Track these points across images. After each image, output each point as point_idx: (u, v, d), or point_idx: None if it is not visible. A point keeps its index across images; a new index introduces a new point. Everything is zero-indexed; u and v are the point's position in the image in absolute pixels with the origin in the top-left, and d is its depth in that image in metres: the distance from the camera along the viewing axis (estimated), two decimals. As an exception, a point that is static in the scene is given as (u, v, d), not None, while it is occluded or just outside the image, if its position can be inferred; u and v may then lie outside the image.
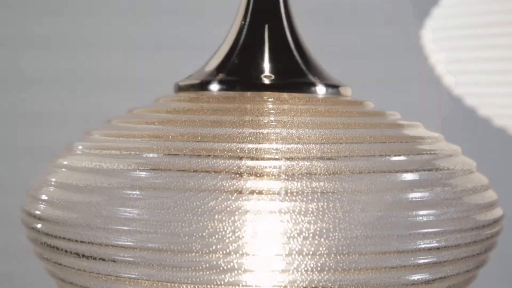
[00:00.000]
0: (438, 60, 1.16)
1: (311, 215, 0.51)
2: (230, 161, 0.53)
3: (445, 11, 1.12)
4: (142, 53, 1.67)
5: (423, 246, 0.53)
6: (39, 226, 0.58)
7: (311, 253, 0.51)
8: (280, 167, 0.53)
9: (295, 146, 0.54)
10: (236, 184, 0.52)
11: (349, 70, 1.35)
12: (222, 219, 0.51)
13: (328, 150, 0.54)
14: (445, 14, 1.12)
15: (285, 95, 0.61)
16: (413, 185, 0.55)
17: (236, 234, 0.51)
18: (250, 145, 0.54)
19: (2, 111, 1.68)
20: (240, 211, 0.51)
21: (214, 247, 0.51)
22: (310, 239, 0.51)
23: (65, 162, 0.59)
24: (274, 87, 0.61)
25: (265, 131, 0.55)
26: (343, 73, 0.72)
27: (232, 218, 0.51)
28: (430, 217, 0.54)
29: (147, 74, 1.66)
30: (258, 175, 0.52)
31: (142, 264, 0.52)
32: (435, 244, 0.54)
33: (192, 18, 1.67)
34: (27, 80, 1.68)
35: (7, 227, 1.62)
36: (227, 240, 0.51)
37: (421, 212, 0.54)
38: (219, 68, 0.63)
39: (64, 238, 0.55)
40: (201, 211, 0.51)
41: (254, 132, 0.55)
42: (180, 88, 0.64)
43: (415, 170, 0.56)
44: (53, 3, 1.67)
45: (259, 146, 0.54)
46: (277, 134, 0.55)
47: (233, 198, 0.52)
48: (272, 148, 0.54)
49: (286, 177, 0.52)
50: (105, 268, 0.53)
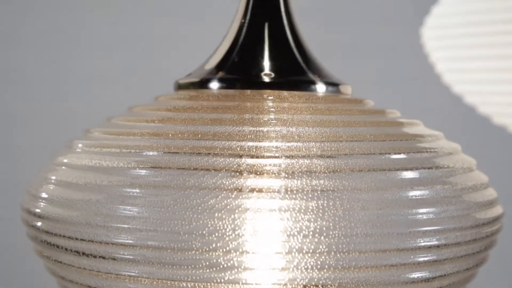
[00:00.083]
0: (438, 58, 1.16)
1: (311, 213, 0.51)
2: (230, 159, 0.53)
3: (445, 9, 1.12)
4: (142, 51, 1.67)
5: (423, 244, 0.53)
6: (39, 224, 0.57)
7: (311, 251, 0.51)
8: (280, 165, 0.53)
9: (295, 144, 0.54)
10: (236, 182, 0.52)
11: (349, 68, 1.35)
12: (222, 217, 0.51)
13: (328, 148, 0.54)
14: (445, 12, 1.12)
15: (285, 93, 0.61)
16: (413, 183, 0.55)
17: (236, 232, 0.51)
18: (250, 143, 0.54)
19: (2, 109, 1.68)
20: (240, 209, 0.51)
21: (214, 245, 0.51)
22: (310, 237, 0.51)
23: (65, 160, 0.59)
24: (274, 85, 0.61)
25: (265, 129, 0.55)
26: (343, 71, 0.72)
27: (232, 216, 0.51)
28: (430, 215, 0.54)
29: (146, 72, 1.66)
30: (258, 173, 0.52)
31: (142, 262, 0.52)
32: (435, 242, 0.54)
33: (192, 16, 1.67)
34: (26, 78, 1.68)
35: (7, 225, 1.62)
36: (227, 238, 0.51)
37: (421, 210, 0.54)
38: (219, 66, 0.63)
39: (64, 236, 0.55)
40: (201, 209, 0.51)
41: (254, 130, 0.55)
42: (180, 86, 0.64)
43: (415, 168, 0.56)
44: (52, 0, 1.67)
45: (259, 144, 0.54)
46: (277, 132, 0.55)
47: (233, 196, 0.52)
48: (272, 146, 0.54)
49: (286, 175, 0.52)
50: (105, 266, 0.53)
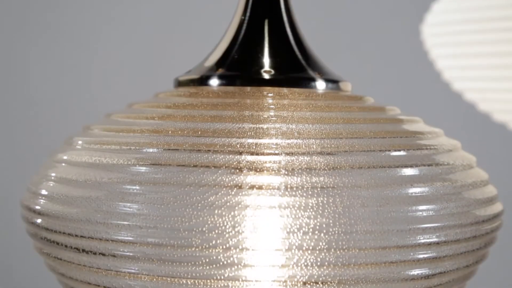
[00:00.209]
0: (437, 55, 1.16)
1: (311, 210, 0.51)
2: (230, 156, 0.53)
3: (445, 6, 1.12)
4: (142, 48, 1.67)
5: (422, 241, 0.53)
6: (39, 221, 0.57)
7: (311, 248, 0.51)
8: (280, 162, 0.53)
9: (295, 141, 0.54)
10: (236, 179, 0.52)
11: (349, 65, 1.35)
12: (222, 214, 0.51)
13: (328, 145, 0.54)
14: (445, 9, 1.12)
15: (285, 90, 0.61)
16: (413, 180, 0.55)
17: (236, 229, 0.51)
18: (250, 140, 0.54)
19: (1, 106, 1.68)
20: (240, 206, 0.51)
21: (214, 242, 0.51)
22: (310, 234, 0.51)
23: (65, 157, 0.59)
24: (274, 82, 0.61)
25: (265, 126, 0.55)
26: (342, 68, 0.72)
27: (232, 213, 0.51)
28: (430, 212, 0.54)
29: (146, 68, 1.66)
30: (258, 170, 0.52)
31: (142, 259, 0.52)
32: (434, 239, 0.54)
33: (192, 13, 1.67)
34: (27, 75, 1.67)
35: (6, 223, 1.62)
36: (227, 235, 0.51)
37: (421, 207, 0.54)
38: (219, 63, 0.63)
39: (64, 233, 0.55)
40: (201, 206, 0.51)
41: (254, 127, 0.55)
42: (180, 83, 0.64)
43: (415, 165, 0.56)
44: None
45: (259, 141, 0.54)
46: (277, 129, 0.55)
47: (233, 193, 0.52)
48: (272, 143, 0.54)
49: (286, 172, 0.52)
50: (105, 263, 0.54)
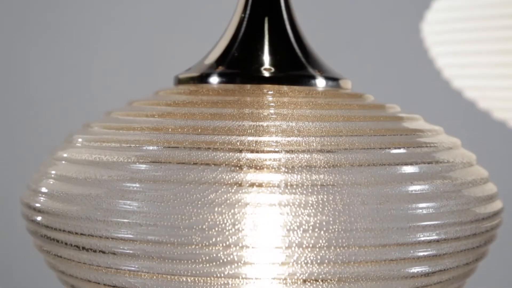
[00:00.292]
0: (437, 53, 1.16)
1: (311, 207, 0.51)
2: (230, 153, 0.53)
3: (445, 4, 1.12)
4: (142, 46, 1.67)
5: (422, 238, 0.53)
6: (39, 218, 0.58)
7: (311, 245, 0.51)
8: (280, 160, 0.53)
9: (295, 138, 0.54)
10: (236, 176, 0.52)
11: (349, 62, 1.35)
12: (222, 212, 0.51)
13: (328, 143, 0.54)
14: (445, 6, 1.12)
15: (285, 87, 0.61)
16: (413, 178, 0.55)
17: (236, 227, 0.51)
18: (250, 138, 0.54)
19: (2, 104, 1.68)
20: (240, 203, 0.51)
21: (214, 240, 0.51)
22: (310, 231, 0.51)
23: (65, 155, 0.59)
24: (274, 79, 0.61)
25: (265, 123, 0.55)
26: (342, 66, 0.72)
27: (232, 211, 0.51)
28: (430, 209, 0.54)
29: (146, 66, 1.66)
30: (258, 167, 0.52)
31: (142, 257, 0.52)
32: (434, 237, 0.54)
33: (192, 11, 1.67)
34: (27, 74, 1.67)
35: (6, 222, 1.62)
36: (227, 233, 0.51)
37: (420, 205, 0.54)
38: (219, 61, 0.63)
39: (64, 231, 0.55)
40: (201, 203, 0.51)
41: (254, 125, 0.55)
42: (179, 81, 0.64)
43: (415, 163, 0.56)
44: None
45: (259, 138, 0.54)
46: (277, 126, 0.55)
47: (233, 190, 0.52)
48: (272, 141, 0.54)
49: (286, 170, 0.52)
50: (105, 260, 0.54)
